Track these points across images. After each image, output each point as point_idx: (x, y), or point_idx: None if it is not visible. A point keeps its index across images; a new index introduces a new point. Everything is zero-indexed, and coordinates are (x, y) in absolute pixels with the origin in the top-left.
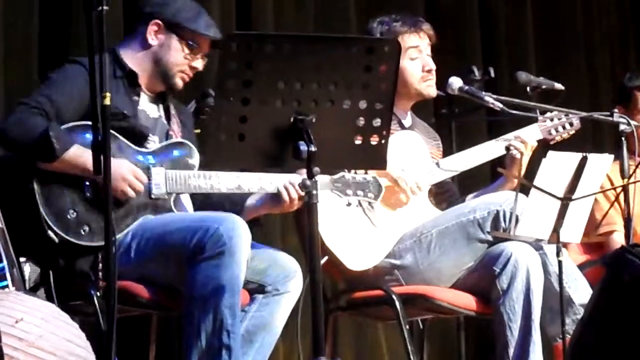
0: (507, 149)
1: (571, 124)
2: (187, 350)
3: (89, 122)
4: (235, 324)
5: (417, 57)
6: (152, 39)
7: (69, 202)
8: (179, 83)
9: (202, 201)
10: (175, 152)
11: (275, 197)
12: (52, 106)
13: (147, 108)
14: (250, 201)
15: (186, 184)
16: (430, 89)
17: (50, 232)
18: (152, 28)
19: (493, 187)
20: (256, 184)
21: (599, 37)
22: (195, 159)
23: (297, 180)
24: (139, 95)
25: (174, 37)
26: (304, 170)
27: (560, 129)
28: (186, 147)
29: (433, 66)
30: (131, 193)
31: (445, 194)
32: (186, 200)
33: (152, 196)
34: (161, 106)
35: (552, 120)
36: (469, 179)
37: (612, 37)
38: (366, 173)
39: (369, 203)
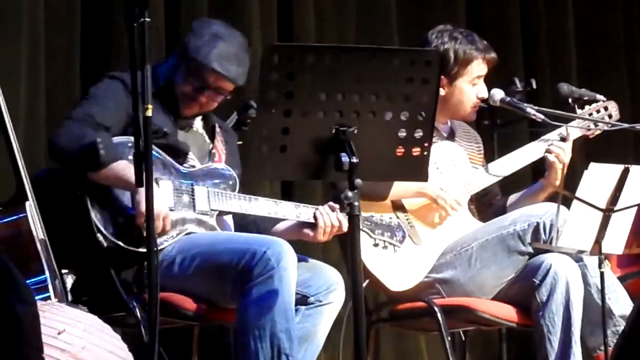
0: (548, 152)
1: (610, 116)
2: None
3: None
4: (292, 347)
5: (477, 83)
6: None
7: (119, 208)
8: (184, 111)
9: (237, 220)
10: (218, 176)
11: (309, 225)
12: (98, 118)
13: (194, 123)
14: (283, 225)
15: (228, 203)
16: (473, 114)
17: (99, 235)
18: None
19: (532, 190)
20: (293, 212)
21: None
22: (234, 184)
23: (334, 212)
24: (178, 116)
25: (182, 62)
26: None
27: (599, 124)
28: (227, 173)
29: (486, 95)
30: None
31: (487, 196)
32: (229, 220)
33: (196, 210)
34: (203, 123)
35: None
36: (510, 183)
37: None
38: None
39: (408, 222)
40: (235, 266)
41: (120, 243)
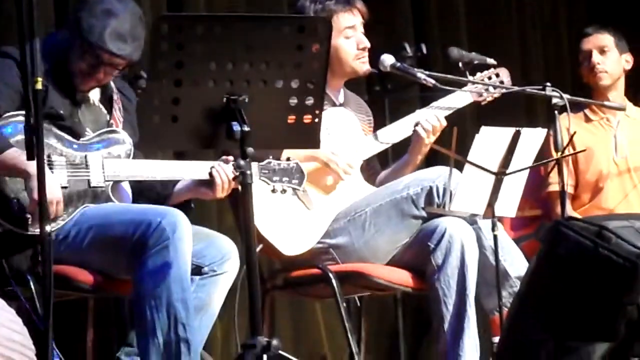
0: (418, 124)
1: (502, 83)
2: (144, 350)
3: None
4: (189, 316)
5: (351, 35)
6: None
7: (12, 192)
8: (81, 87)
9: (134, 185)
10: (113, 143)
11: (206, 183)
12: None
13: (91, 94)
14: (179, 185)
15: (123, 172)
16: (364, 66)
17: None
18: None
19: (396, 167)
20: (190, 171)
21: (530, 10)
22: (127, 145)
23: (228, 165)
24: (73, 92)
25: (76, 39)
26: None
27: (490, 89)
28: (121, 135)
29: (367, 44)
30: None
31: (370, 171)
32: (126, 185)
33: (91, 185)
34: (101, 94)
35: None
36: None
37: (543, 11)
38: (289, 160)
39: (300, 187)
40: (131, 237)
41: (14, 228)
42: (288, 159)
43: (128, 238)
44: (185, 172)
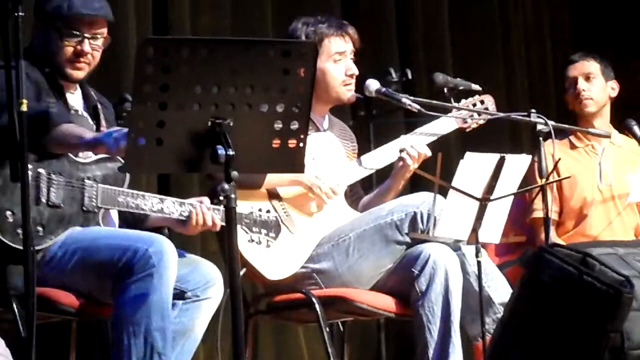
0: (403, 151)
1: (486, 109)
2: None
3: None
4: (166, 346)
5: (340, 60)
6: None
7: (7, 204)
8: (75, 74)
9: None
10: (108, 166)
11: (182, 220)
12: None
13: (75, 104)
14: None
15: (116, 200)
16: (348, 93)
17: None
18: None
19: (378, 193)
20: (177, 209)
21: (516, 37)
22: (124, 176)
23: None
24: (57, 90)
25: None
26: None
27: (475, 115)
28: (117, 162)
29: (356, 71)
30: None
31: (354, 197)
32: (114, 213)
33: (84, 208)
34: (85, 104)
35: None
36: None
37: (529, 37)
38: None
39: (284, 211)
40: (116, 263)
41: (5, 240)
42: (268, 211)
43: (114, 263)
44: (173, 209)
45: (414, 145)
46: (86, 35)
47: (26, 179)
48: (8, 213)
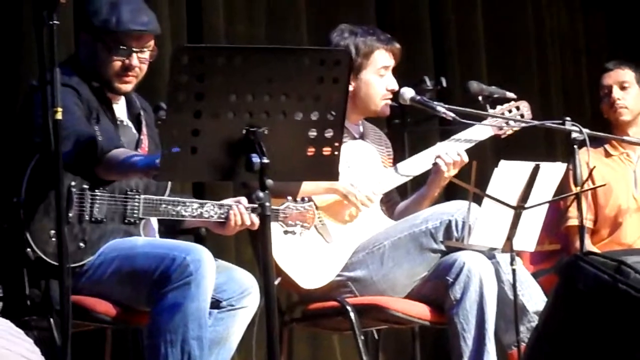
0: (440, 157)
1: (522, 116)
2: None
3: None
4: (203, 355)
5: (384, 74)
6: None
7: (52, 223)
8: (124, 87)
9: None
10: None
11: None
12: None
13: (121, 114)
14: None
15: (157, 210)
16: (386, 109)
17: (29, 250)
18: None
19: (414, 200)
20: (216, 212)
21: (551, 44)
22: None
23: (244, 205)
24: (105, 103)
25: (97, 43)
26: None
27: (510, 122)
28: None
29: (396, 87)
30: None
31: (390, 202)
32: (154, 221)
33: (126, 221)
34: (128, 113)
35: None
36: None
37: (564, 44)
38: (303, 200)
39: (320, 220)
40: (154, 271)
41: (49, 260)
42: (303, 199)
43: (151, 272)
44: (212, 212)
45: (448, 152)
46: (134, 49)
47: (61, 188)
48: (52, 232)
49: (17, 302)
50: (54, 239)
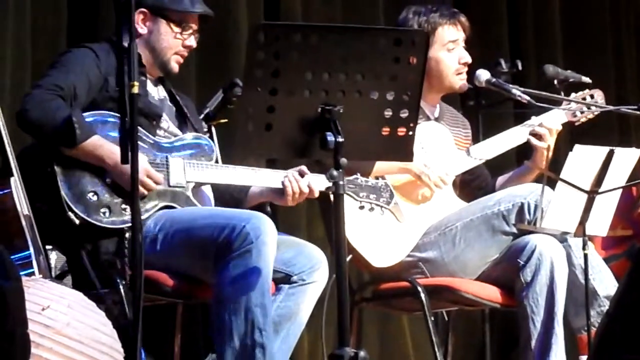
0: (532, 134)
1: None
2: (220, 352)
3: (107, 112)
4: (267, 322)
5: (454, 49)
6: (141, 28)
7: (89, 185)
8: (175, 67)
9: (214, 189)
10: (194, 147)
11: (279, 191)
12: (68, 89)
13: (152, 91)
14: (253, 189)
15: (203, 173)
16: (461, 82)
17: (70, 214)
18: (138, 17)
19: (518, 172)
20: (265, 179)
21: (626, 29)
22: (211, 151)
23: (304, 178)
24: (145, 76)
25: (162, 21)
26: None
27: (584, 109)
28: (203, 143)
29: (469, 59)
30: (144, 192)
31: (477, 180)
32: (207, 189)
33: (170, 184)
34: (161, 88)
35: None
36: (495, 167)
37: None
38: (377, 178)
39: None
40: (215, 241)
41: (93, 221)
42: (377, 178)
43: (213, 241)
44: (260, 180)
45: (543, 123)
46: (195, 30)
47: (136, 163)
48: (90, 194)
49: (82, 274)
50: (94, 199)
